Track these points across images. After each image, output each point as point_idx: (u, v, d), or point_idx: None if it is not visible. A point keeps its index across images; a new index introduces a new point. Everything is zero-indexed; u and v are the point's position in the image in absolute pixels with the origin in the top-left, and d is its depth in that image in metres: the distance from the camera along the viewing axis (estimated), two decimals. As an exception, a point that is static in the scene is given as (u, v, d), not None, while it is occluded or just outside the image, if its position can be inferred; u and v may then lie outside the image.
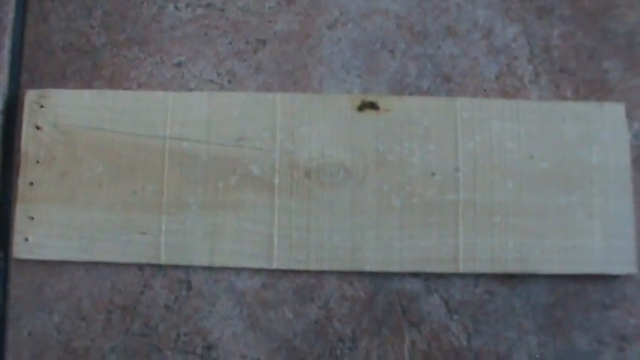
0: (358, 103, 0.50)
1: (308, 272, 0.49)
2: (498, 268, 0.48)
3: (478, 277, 0.49)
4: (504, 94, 0.51)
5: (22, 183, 0.50)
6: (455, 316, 0.48)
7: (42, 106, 0.50)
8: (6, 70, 0.52)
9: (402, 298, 0.49)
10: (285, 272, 0.49)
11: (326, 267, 0.48)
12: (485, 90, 0.51)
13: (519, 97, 0.51)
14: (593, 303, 0.48)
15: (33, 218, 0.49)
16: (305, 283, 0.49)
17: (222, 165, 0.49)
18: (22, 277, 0.50)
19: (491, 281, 0.49)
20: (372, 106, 0.50)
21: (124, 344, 0.49)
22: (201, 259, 0.48)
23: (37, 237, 0.49)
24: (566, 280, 0.48)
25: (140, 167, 0.49)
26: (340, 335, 0.48)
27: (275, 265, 0.48)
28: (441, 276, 0.49)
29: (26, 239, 0.49)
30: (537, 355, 0.48)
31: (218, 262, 0.48)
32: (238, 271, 0.49)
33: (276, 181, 0.49)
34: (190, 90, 0.51)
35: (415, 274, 0.49)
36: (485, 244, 0.48)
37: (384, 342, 0.48)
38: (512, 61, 0.51)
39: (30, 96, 0.51)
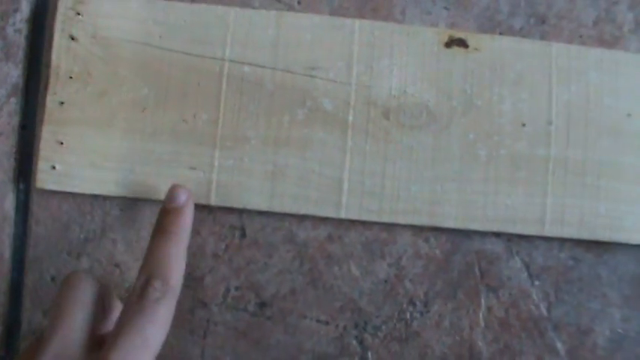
0: (446, 38, 0.44)
1: (379, 225, 0.43)
2: (586, 234, 0.43)
3: (563, 241, 0.44)
4: (601, 42, 0.46)
5: (50, 102, 0.42)
6: (536, 282, 0.44)
7: (79, 14, 0.43)
8: (33, -30, 0.44)
9: (481, 259, 0.44)
10: (354, 223, 0.43)
11: (401, 220, 0.42)
12: (581, 36, 0.46)
13: (617, 47, 0.45)
14: (680, 278, 0.44)
15: (62, 143, 0.42)
16: (376, 236, 0.43)
17: (289, 96, 0.43)
18: (45, 212, 0.43)
19: (577, 247, 0.44)
20: (461, 43, 0.44)
21: (163, 295, 0.42)
22: (258, 203, 0.42)
23: (66, 165, 0.42)
24: (655, 252, 0.44)
25: (192, 92, 0.43)
26: (411, 297, 0.43)
27: (343, 215, 0.42)
28: (523, 237, 0.44)
29: (53, 167, 0.42)
30: (620, 330, 0.44)
31: (278, 207, 0.42)
32: (300, 218, 0.43)
33: (350, 118, 0.43)
34: (254, 9, 0.44)
35: (497, 234, 0.44)
36: (574, 207, 0.43)
37: (458, 307, 0.43)
38: (611, 7, 0.46)
39: (64, 1, 0.43)
